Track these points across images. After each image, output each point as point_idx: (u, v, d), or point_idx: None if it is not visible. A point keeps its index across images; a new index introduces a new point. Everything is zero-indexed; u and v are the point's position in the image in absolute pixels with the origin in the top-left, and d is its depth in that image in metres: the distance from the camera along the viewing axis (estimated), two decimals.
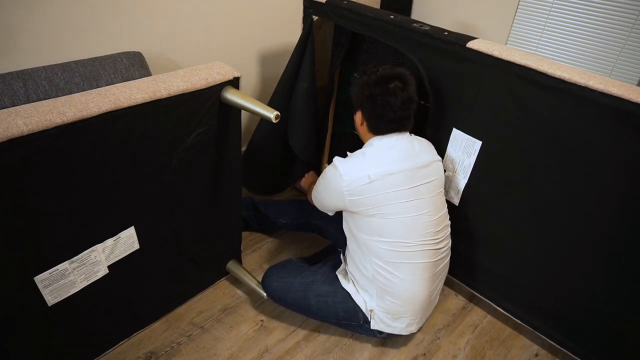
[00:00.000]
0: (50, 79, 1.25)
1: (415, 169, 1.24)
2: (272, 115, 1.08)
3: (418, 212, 1.25)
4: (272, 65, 2.03)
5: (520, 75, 1.17)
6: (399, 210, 1.23)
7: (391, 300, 1.30)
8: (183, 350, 1.39)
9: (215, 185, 1.35)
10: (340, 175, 1.24)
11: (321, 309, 1.39)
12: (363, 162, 1.24)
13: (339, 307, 1.36)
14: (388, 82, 1.22)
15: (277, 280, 1.45)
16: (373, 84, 1.24)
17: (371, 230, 1.26)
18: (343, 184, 1.23)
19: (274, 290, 1.45)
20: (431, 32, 1.29)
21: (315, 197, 1.41)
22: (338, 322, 1.42)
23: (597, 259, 1.23)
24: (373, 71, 1.25)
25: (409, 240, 1.25)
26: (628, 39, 1.81)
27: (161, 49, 1.61)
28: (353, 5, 1.46)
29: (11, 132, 0.82)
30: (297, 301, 1.41)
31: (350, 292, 1.36)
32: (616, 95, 1.03)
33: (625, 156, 1.08)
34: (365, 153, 1.27)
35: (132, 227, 1.17)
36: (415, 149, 1.27)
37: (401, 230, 1.24)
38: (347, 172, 1.24)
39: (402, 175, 1.23)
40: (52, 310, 1.09)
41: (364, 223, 1.27)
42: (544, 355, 1.47)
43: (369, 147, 1.29)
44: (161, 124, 1.08)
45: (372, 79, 1.24)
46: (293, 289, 1.41)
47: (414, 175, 1.24)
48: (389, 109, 1.22)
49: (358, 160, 1.26)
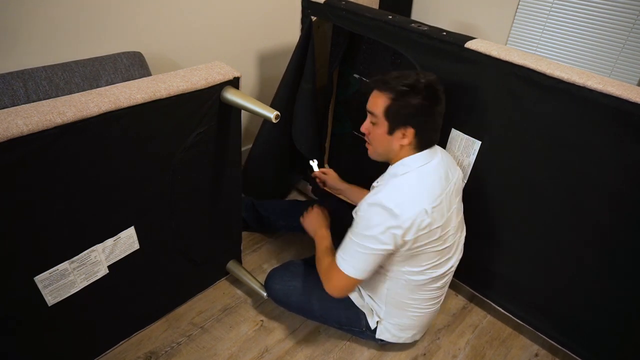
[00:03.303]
0: (50, 79, 1.25)
1: (452, 190, 1.17)
2: (272, 115, 1.08)
3: (454, 237, 1.20)
4: (272, 65, 2.03)
5: (518, 75, 1.17)
6: (441, 241, 1.14)
7: (403, 316, 1.29)
8: (183, 350, 1.39)
9: (215, 185, 1.35)
10: (395, 215, 1.05)
11: (324, 314, 1.38)
12: (412, 192, 1.09)
13: (342, 312, 1.35)
14: (436, 91, 1.11)
15: (280, 283, 1.43)
16: (428, 97, 1.10)
17: (402, 261, 1.17)
18: (398, 231, 1.06)
19: (277, 293, 1.44)
20: (429, 32, 1.29)
21: (344, 263, 1.15)
22: (340, 327, 1.41)
23: (597, 258, 1.23)
24: (416, 84, 1.09)
25: (441, 267, 1.20)
26: (628, 39, 1.81)
27: (161, 49, 1.61)
28: (351, 5, 1.46)
29: (11, 132, 0.82)
30: (300, 304, 1.41)
31: (354, 300, 1.35)
32: (615, 95, 1.02)
33: (625, 156, 1.08)
34: (407, 180, 1.11)
35: (132, 227, 1.17)
36: (444, 161, 1.18)
37: (436, 257, 1.17)
38: (403, 211, 1.05)
39: (445, 198, 1.12)
40: (52, 310, 1.10)
41: (397, 257, 1.16)
42: (544, 355, 1.47)
43: (404, 169, 1.14)
44: (161, 124, 1.08)
45: (423, 92, 1.09)
46: (297, 292, 1.40)
47: (452, 197, 1.16)
48: (439, 118, 1.14)
49: (404, 191, 1.09)
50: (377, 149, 1.20)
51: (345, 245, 1.16)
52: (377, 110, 1.13)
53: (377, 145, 1.19)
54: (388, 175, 1.20)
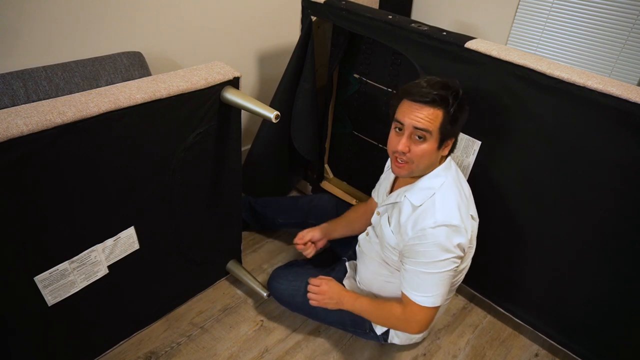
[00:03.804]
0: (50, 79, 1.25)
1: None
2: (272, 115, 1.08)
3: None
4: (272, 65, 2.03)
5: (518, 75, 1.17)
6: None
7: None
8: (183, 350, 1.39)
9: (215, 185, 1.35)
10: (461, 230, 1.05)
11: (328, 315, 1.38)
12: (460, 203, 1.09)
13: (346, 315, 1.33)
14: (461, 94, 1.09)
15: (285, 284, 1.43)
16: (466, 103, 1.09)
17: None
18: (465, 243, 1.06)
19: (281, 293, 1.43)
20: (429, 32, 1.29)
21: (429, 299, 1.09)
22: (343, 328, 1.41)
23: (597, 258, 1.23)
24: (458, 91, 1.07)
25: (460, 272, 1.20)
26: (628, 39, 1.81)
27: (161, 49, 1.61)
28: (351, 5, 1.46)
29: (11, 132, 0.82)
30: (304, 305, 1.39)
31: None
32: (615, 95, 1.02)
33: (625, 156, 1.08)
34: (449, 191, 1.10)
35: (132, 227, 1.17)
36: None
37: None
38: (465, 223, 1.06)
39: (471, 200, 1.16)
40: (52, 310, 1.10)
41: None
42: (544, 355, 1.47)
43: (438, 180, 1.12)
44: (161, 124, 1.08)
45: (466, 99, 1.09)
46: (301, 293, 1.38)
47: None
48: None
49: (455, 203, 1.08)
50: (419, 166, 1.10)
51: (420, 282, 1.09)
52: (432, 127, 1.05)
53: (421, 162, 1.09)
54: (421, 189, 1.13)
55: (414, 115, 1.05)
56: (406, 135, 1.07)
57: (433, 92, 1.04)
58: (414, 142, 1.07)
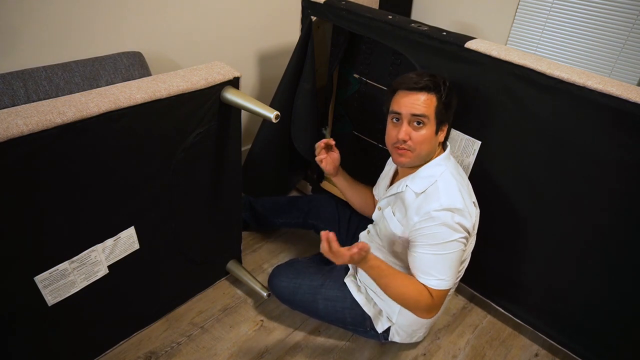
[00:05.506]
0: (50, 79, 1.25)
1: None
2: (272, 115, 1.08)
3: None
4: (272, 65, 2.03)
5: (518, 75, 1.17)
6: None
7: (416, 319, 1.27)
8: (183, 350, 1.39)
9: (215, 185, 1.35)
10: (465, 213, 1.08)
11: (329, 313, 1.38)
12: (461, 189, 1.12)
13: (347, 313, 1.34)
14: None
15: (286, 281, 1.43)
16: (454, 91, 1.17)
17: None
18: (469, 225, 1.10)
19: (281, 290, 1.43)
20: (429, 32, 1.29)
21: (444, 282, 1.09)
22: (344, 326, 1.41)
23: (597, 258, 1.23)
24: (445, 80, 1.14)
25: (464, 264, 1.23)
26: (628, 39, 1.81)
27: (161, 49, 1.61)
28: (351, 5, 1.46)
29: (11, 132, 0.82)
30: (304, 303, 1.40)
31: (360, 302, 1.34)
32: (615, 95, 1.02)
33: (625, 156, 1.08)
34: (450, 178, 1.13)
35: (132, 227, 1.17)
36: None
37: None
38: (469, 207, 1.10)
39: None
40: (52, 310, 1.10)
41: None
42: (544, 355, 1.47)
43: (439, 169, 1.15)
44: (161, 124, 1.08)
45: (453, 87, 1.16)
46: (302, 291, 1.39)
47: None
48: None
49: (457, 188, 1.11)
50: (421, 153, 1.14)
51: (432, 266, 1.08)
52: (428, 111, 1.10)
53: (422, 149, 1.13)
54: (422, 178, 1.16)
55: (410, 102, 1.11)
56: (405, 124, 1.12)
57: (425, 79, 1.11)
58: (414, 129, 1.12)
